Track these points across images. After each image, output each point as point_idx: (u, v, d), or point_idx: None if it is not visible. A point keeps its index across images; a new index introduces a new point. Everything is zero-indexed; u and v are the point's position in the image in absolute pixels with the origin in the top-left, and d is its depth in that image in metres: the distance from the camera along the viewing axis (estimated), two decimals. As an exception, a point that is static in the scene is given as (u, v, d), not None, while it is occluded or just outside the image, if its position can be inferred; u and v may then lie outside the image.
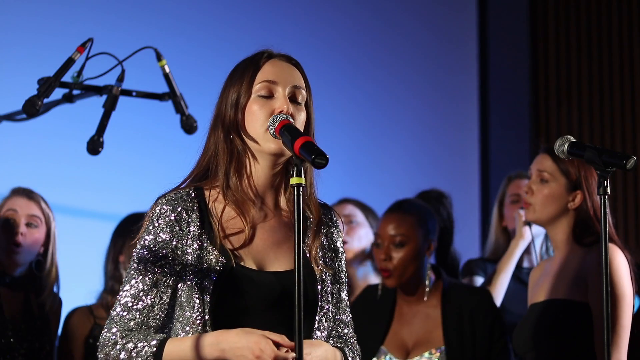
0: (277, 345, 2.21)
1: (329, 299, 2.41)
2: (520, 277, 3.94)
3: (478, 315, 3.49)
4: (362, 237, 4.21)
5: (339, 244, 2.48)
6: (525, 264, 4.03)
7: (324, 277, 2.40)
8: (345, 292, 2.47)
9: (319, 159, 2.15)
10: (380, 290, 3.64)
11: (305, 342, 2.22)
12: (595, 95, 6.20)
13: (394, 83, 6.00)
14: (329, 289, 2.41)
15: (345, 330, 2.46)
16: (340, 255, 2.48)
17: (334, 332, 2.44)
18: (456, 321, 3.50)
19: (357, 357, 2.47)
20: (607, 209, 2.57)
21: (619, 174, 5.95)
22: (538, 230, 3.85)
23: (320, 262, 2.41)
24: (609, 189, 2.56)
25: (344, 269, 2.49)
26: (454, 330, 3.49)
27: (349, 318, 2.48)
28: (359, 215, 4.24)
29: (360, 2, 5.99)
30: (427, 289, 3.56)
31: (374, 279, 4.17)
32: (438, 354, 3.48)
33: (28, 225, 3.66)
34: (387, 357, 3.54)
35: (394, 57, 6.01)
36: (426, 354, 3.50)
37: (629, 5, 6.16)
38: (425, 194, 3.88)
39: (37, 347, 3.61)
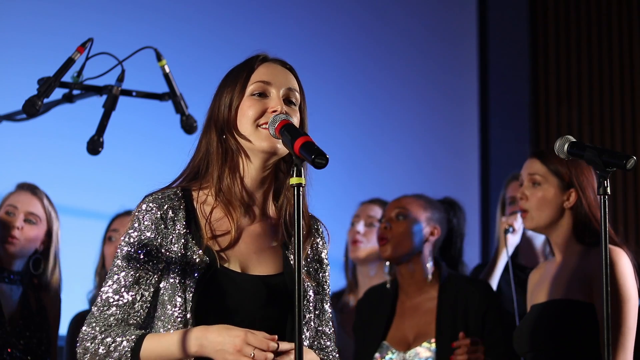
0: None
1: (311, 308, 2.40)
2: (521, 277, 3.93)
3: (472, 306, 3.52)
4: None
5: (324, 255, 2.48)
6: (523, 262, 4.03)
7: (306, 286, 2.39)
8: (328, 304, 2.47)
9: (319, 159, 2.15)
10: (389, 283, 3.68)
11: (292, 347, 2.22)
12: (595, 95, 6.20)
13: (394, 83, 6.00)
14: (312, 299, 2.41)
15: (328, 343, 2.46)
16: (324, 266, 2.48)
17: (315, 343, 2.43)
18: (450, 311, 3.53)
19: None
20: (606, 209, 2.56)
21: (619, 174, 5.95)
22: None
23: (304, 270, 2.40)
24: (609, 189, 2.56)
25: (328, 281, 2.48)
26: (447, 321, 3.52)
27: (331, 330, 2.47)
28: None
29: (360, 2, 5.99)
30: (429, 275, 3.60)
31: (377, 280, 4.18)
32: (434, 344, 3.51)
33: (27, 221, 3.67)
34: (389, 351, 3.56)
35: (394, 57, 6.01)
36: (425, 344, 3.53)
37: (629, 6, 6.16)
38: (439, 201, 3.90)
39: (35, 342, 3.62)
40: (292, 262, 2.38)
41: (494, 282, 3.81)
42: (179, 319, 2.28)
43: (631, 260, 3.18)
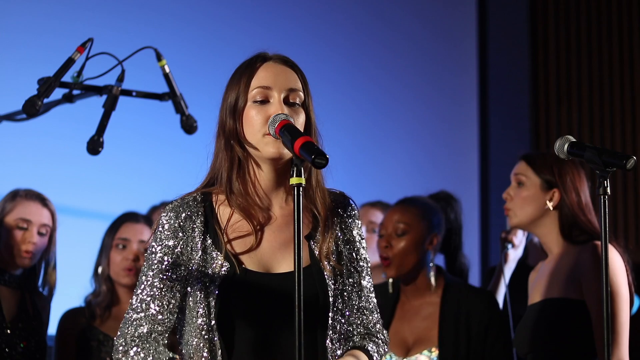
0: None
1: (345, 295, 2.41)
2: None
3: (474, 316, 3.50)
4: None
5: (355, 232, 2.47)
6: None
7: (337, 273, 2.40)
8: (366, 279, 2.47)
9: (319, 159, 2.15)
10: (391, 287, 3.66)
11: None
12: (595, 95, 6.20)
13: (394, 83, 6.00)
14: (346, 284, 2.41)
15: (370, 317, 2.47)
16: (357, 243, 2.47)
17: (358, 320, 2.44)
18: (453, 320, 3.51)
19: (384, 345, 2.47)
20: (606, 209, 2.56)
21: (619, 174, 5.95)
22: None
23: (333, 257, 2.40)
24: (609, 189, 2.56)
25: (364, 256, 2.47)
26: (450, 329, 3.50)
27: (372, 304, 2.48)
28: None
29: (360, 2, 5.99)
30: (432, 284, 3.58)
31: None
32: (436, 352, 3.50)
33: (39, 233, 3.68)
34: (388, 354, 3.55)
35: (394, 57, 6.01)
36: (425, 352, 3.52)
37: (629, 6, 6.16)
38: (434, 195, 3.89)
39: (33, 345, 3.62)
40: (316, 255, 2.38)
41: (499, 297, 3.80)
42: (203, 325, 2.30)
43: (621, 256, 3.19)
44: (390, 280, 3.67)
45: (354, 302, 2.43)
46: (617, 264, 3.16)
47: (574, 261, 3.22)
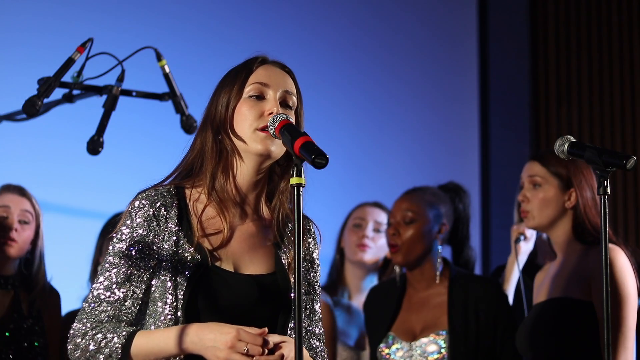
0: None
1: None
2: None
3: (483, 305, 3.53)
4: (383, 247, 4.18)
5: (315, 255, 2.50)
6: None
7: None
8: (318, 304, 2.48)
9: (319, 159, 2.15)
10: (398, 277, 3.67)
11: (288, 340, 2.26)
12: (595, 95, 6.20)
13: (394, 83, 6.00)
14: (303, 298, 2.42)
15: (317, 343, 2.47)
16: (315, 266, 2.49)
17: (305, 343, 2.43)
18: (461, 308, 3.54)
19: None
20: (606, 209, 2.56)
21: (619, 174, 5.95)
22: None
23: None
24: (609, 189, 2.56)
25: (318, 281, 2.50)
26: (459, 316, 3.52)
27: (320, 330, 2.48)
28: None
29: (360, 2, 5.99)
30: (437, 274, 3.60)
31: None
32: (443, 337, 3.52)
33: (20, 222, 3.67)
34: (395, 341, 3.57)
35: (394, 57, 6.01)
36: (431, 336, 3.54)
37: (629, 6, 6.16)
38: (443, 186, 3.91)
39: (26, 346, 3.60)
40: (284, 262, 2.40)
41: (510, 292, 3.79)
42: (170, 317, 2.29)
43: (629, 259, 3.18)
44: (397, 269, 3.69)
45: (304, 324, 2.43)
46: (626, 269, 3.16)
47: (584, 263, 3.22)
